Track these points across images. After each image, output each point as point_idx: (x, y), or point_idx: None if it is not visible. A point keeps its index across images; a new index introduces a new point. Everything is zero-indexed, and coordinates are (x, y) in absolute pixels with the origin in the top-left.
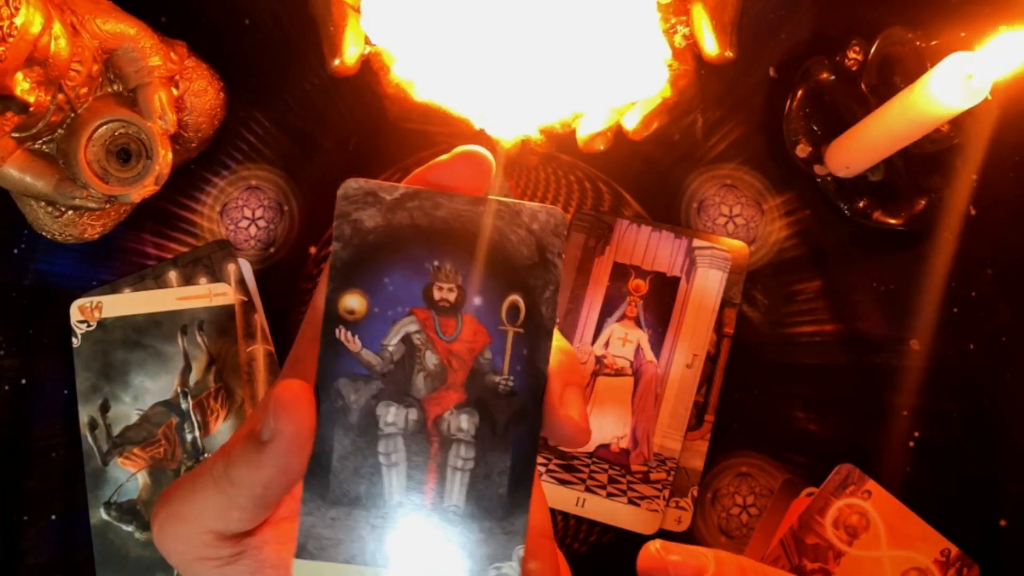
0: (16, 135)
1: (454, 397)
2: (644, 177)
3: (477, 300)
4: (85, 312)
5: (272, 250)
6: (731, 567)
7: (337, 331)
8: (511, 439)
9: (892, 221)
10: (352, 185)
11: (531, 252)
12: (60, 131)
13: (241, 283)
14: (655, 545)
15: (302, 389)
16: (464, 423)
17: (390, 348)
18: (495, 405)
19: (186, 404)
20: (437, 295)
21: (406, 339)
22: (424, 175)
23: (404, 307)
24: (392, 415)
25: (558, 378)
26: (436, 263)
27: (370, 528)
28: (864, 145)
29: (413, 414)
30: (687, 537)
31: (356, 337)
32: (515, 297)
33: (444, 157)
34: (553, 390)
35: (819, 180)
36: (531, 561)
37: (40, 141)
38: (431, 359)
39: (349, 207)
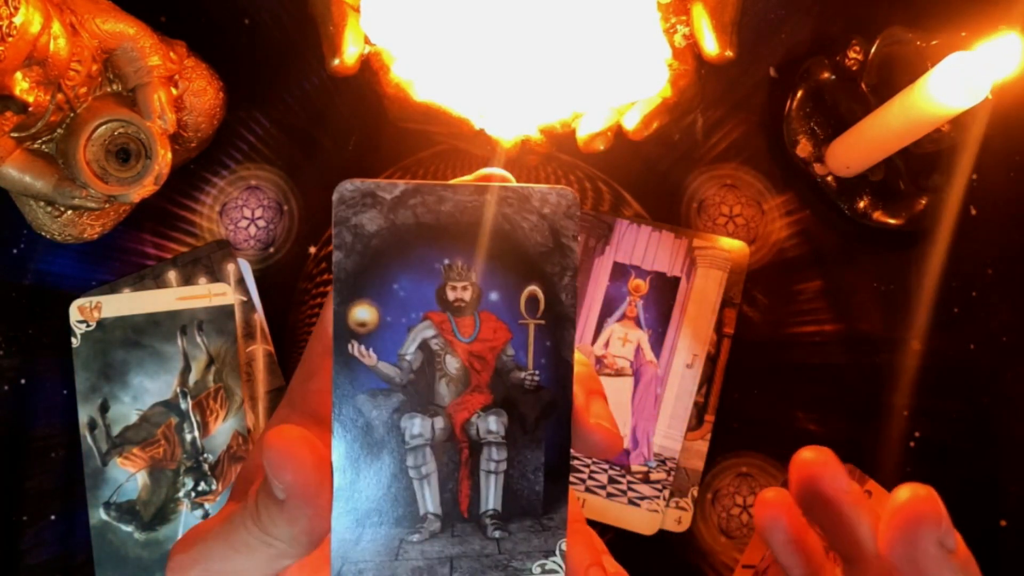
0: (15, 135)
1: (480, 399)
2: (644, 177)
3: (493, 296)
4: (84, 312)
5: (272, 250)
6: None
7: (350, 346)
8: (543, 434)
9: (892, 221)
10: (348, 187)
11: (545, 238)
12: (59, 131)
13: (240, 283)
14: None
15: (290, 434)
16: (493, 425)
17: (408, 357)
18: (523, 402)
19: (185, 404)
20: (451, 295)
21: (423, 346)
22: None
23: (418, 312)
24: (417, 427)
25: (581, 387)
26: (447, 261)
27: (408, 545)
28: (864, 145)
29: (439, 423)
30: (687, 537)
31: (370, 350)
32: (533, 288)
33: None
34: (578, 399)
35: (819, 180)
36: (572, 547)
37: (39, 141)
38: (452, 363)
39: (347, 212)
